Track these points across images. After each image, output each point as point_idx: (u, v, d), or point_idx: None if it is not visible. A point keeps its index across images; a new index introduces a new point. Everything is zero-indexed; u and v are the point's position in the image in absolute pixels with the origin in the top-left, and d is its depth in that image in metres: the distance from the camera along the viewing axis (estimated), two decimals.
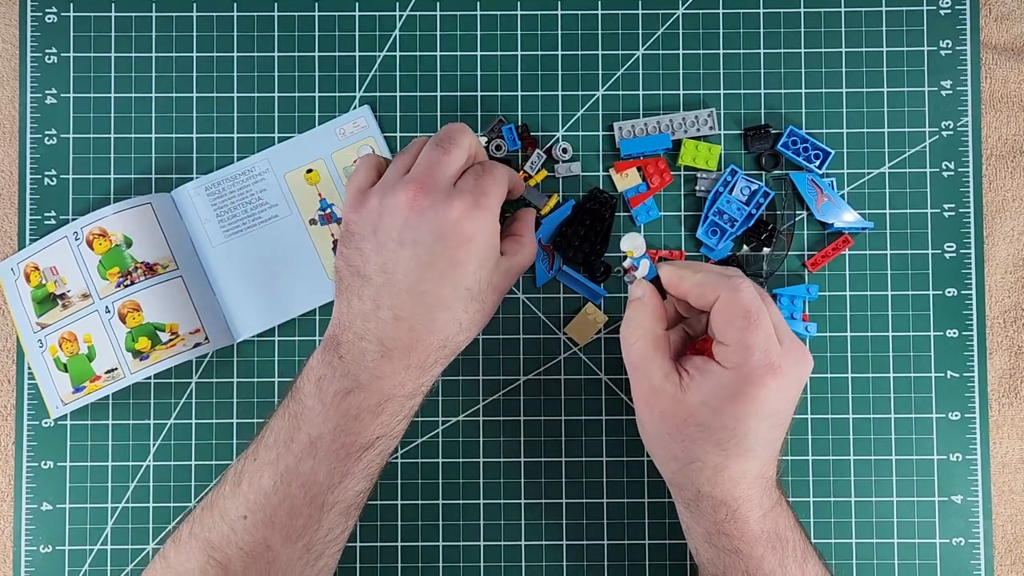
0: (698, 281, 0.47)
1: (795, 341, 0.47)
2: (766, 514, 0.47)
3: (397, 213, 0.47)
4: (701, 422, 0.46)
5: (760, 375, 0.45)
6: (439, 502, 0.58)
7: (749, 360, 0.45)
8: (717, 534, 0.47)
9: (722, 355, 0.46)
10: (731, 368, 0.45)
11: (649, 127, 0.58)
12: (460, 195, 0.48)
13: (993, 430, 0.59)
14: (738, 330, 0.45)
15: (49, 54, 0.59)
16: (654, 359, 0.47)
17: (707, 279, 0.47)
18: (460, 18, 0.60)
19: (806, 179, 0.58)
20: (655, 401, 0.47)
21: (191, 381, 0.59)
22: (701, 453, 0.46)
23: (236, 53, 0.60)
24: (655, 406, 0.47)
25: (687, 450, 0.46)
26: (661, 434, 0.47)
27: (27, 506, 0.58)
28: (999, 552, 0.59)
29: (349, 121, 0.59)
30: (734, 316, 0.45)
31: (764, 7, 0.60)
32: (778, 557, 0.47)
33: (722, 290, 0.46)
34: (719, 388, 0.45)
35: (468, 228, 0.47)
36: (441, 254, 0.47)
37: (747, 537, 0.47)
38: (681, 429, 0.46)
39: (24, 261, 0.58)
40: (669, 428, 0.47)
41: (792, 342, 0.47)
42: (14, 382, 0.59)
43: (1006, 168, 0.60)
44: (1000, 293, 0.60)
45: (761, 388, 0.45)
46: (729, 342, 0.45)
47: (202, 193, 0.59)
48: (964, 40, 0.60)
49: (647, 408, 0.48)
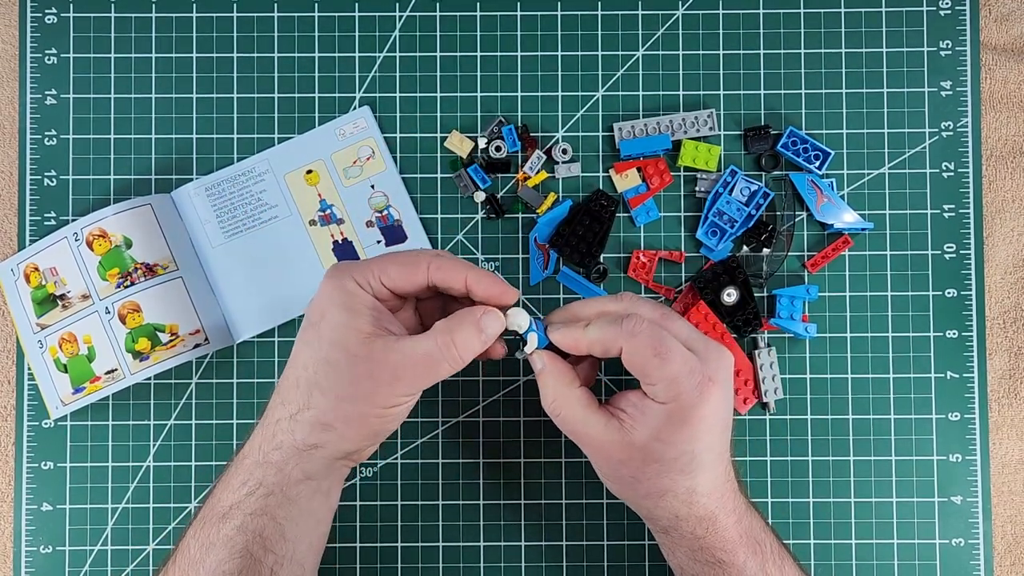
0: (594, 339, 0.46)
1: (708, 342, 0.47)
2: (741, 518, 0.48)
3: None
4: (657, 457, 0.45)
5: (698, 395, 0.45)
6: (439, 502, 0.58)
7: (681, 389, 0.45)
8: (699, 549, 0.47)
9: (654, 392, 0.45)
10: (668, 402, 0.45)
11: (649, 128, 0.58)
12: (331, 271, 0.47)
13: (993, 431, 0.59)
14: (656, 369, 0.45)
15: (49, 55, 0.59)
16: (586, 418, 0.47)
17: (601, 334, 0.46)
18: (460, 18, 0.60)
19: (806, 180, 0.58)
20: (607, 452, 0.47)
21: (191, 382, 0.59)
22: (669, 484, 0.46)
23: (236, 54, 0.60)
24: (609, 457, 0.47)
25: (655, 485, 0.46)
26: (625, 479, 0.47)
27: (27, 507, 0.58)
28: (999, 552, 0.59)
29: (349, 122, 0.59)
30: (645, 359, 0.45)
31: (764, 7, 0.60)
32: (758, 561, 0.47)
33: (621, 340, 0.45)
34: (664, 423, 0.45)
35: (316, 299, 0.47)
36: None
37: (728, 545, 0.47)
38: (641, 468, 0.46)
39: (24, 262, 0.58)
40: (631, 471, 0.46)
41: (706, 345, 0.47)
42: (14, 383, 0.59)
43: (1006, 168, 0.60)
44: (1000, 294, 0.60)
45: (705, 405, 0.45)
46: (654, 381, 0.45)
47: (202, 194, 0.59)
48: (964, 41, 0.59)
49: (603, 461, 0.48)
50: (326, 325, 0.45)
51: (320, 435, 0.45)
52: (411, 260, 0.46)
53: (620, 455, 0.46)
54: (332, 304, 0.45)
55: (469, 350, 0.45)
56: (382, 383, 0.44)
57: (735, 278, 0.57)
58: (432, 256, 0.47)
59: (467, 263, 0.47)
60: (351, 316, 0.45)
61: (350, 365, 0.44)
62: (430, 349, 0.45)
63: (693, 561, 0.48)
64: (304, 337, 0.46)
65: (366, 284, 0.46)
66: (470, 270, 0.46)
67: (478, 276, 0.46)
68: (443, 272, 0.46)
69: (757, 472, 0.58)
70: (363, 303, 0.45)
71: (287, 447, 0.46)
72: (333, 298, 0.45)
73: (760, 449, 0.58)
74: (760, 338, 0.59)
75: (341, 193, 0.59)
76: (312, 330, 0.46)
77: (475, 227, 0.59)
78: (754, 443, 0.59)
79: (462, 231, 0.59)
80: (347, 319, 0.45)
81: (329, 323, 0.45)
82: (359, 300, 0.45)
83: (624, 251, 0.59)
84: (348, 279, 0.46)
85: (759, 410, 0.59)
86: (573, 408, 0.47)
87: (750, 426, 0.59)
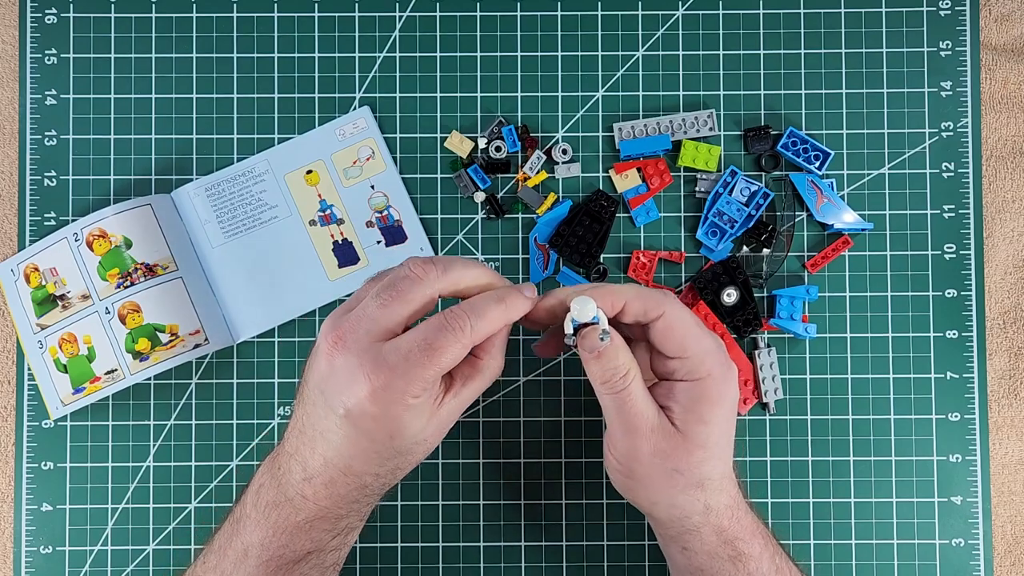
0: (635, 296, 0.45)
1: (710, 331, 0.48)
2: (749, 509, 0.48)
3: (319, 358, 0.44)
4: (702, 443, 0.45)
5: (728, 370, 0.45)
6: (439, 503, 0.59)
7: (715, 363, 0.45)
8: (723, 544, 0.47)
9: (687, 368, 0.45)
10: (703, 377, 0.45)
11: (649, 128, 0.58)
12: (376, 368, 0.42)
13: (993, 431, 0.59)
14: (696, 340, 0.45)
15: (49, 55, 0.59)
16: (647, 399, 0.45)
17: (644, 293, 0.45)
18: (460, 18, 0.60)
19: (806, 180, 0.58)
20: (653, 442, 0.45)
21: (191, 382, 0.59)
22: (709, 471, 0.45)
23: (236, 54, 0.59)
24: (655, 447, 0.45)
25: (697, 473, 0.45)
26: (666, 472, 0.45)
27: (27, 507, 0.58)
28: (999, 553, 0.59)
29: (349, 122, 0.59)
30: (688, 328, 0.45)
31: (764, 8, 0.60)
32: (769, 552, 0.47)
33: (666, 305, 0.45)
34: (701, 402, 0.45)
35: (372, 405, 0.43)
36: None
37: (747, 535, 0.47)
38: (686, 458, 0.45)
39: (24, 262, 0.58)
40: (674, 462, 0.45)
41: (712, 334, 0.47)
42: (14, 383, 0.59)
43: (1006, 169, 0.60)
44: (1000, 294, 0.60)
45: (731, 384, 0.46)
46: (690, 353, 0.45)
47: (202, 194, 0.59)
48: (964, 41, 0.59)
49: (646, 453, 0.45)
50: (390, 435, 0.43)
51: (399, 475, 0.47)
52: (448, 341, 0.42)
53: (666, 445, 0.45)
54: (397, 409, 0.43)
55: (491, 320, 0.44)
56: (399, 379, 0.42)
57: (735, 278, 0.57)
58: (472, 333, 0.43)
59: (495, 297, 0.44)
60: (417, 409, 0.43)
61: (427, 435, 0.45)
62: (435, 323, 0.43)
63: (714, 558, 0.47)
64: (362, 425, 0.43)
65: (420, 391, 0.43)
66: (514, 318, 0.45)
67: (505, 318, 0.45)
68: (482, 334, 0.44)
69: (757, 472, 0.58)
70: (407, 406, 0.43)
71: (370, 497, 0.47)
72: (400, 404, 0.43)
73: (760, 449, 0.58)
74: (760, 338, 0.59)
75: (341, 193, 0.59)
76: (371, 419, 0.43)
77: (475, 227, 0.59)
78: (754, 443, 0.59)
79: (462, 231, 0.59)
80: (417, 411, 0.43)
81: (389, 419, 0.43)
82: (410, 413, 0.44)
83: (624, 251, 0.59)
84: (403, 402, 0.42)
85: (759, 410, 0.59)
86: (637, 385, 0.45)
87: (750, 426, 0.59)
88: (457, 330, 0.42)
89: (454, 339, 0.42)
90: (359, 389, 0.42)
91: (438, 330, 0.42)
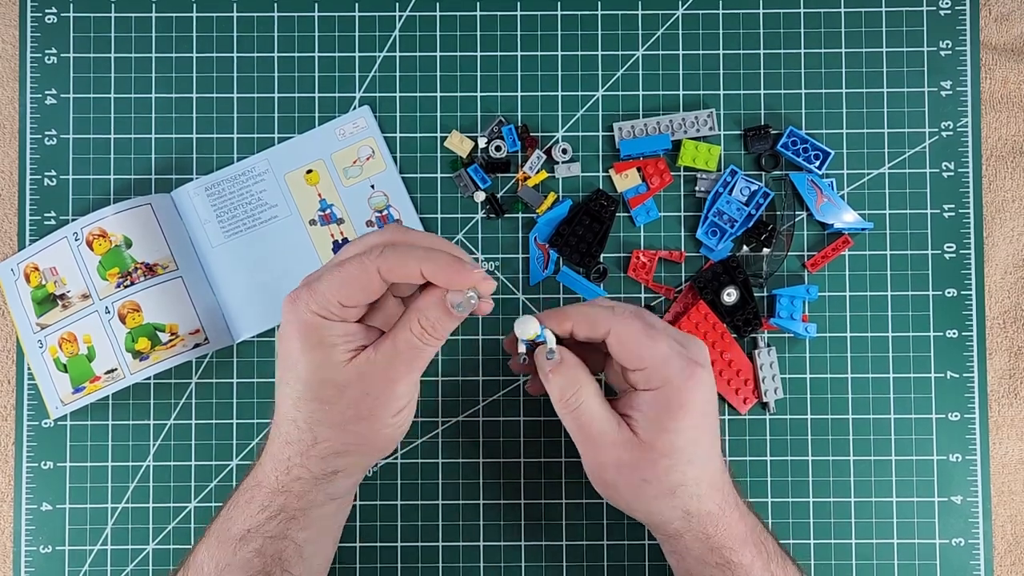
0: (582, 315, 0.46)
1: (685, 334, 0.48)
2: (744, 515, 0.48)
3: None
4: (667, 451, 0.45)
5: (689, 375, 0.45)
6: (439, 502, 0.58)
7: (671, 369, 0.45)
8: (710, 551, 0.47)
9: (645, 379, 0.45)
10: (661, 385, 0.45)
11: (649, 127, 0.58)
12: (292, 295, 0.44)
13: (993, 430, 0.59)
14: (647, 348, 0.45)
15: (49, 54, 0.59)
16: (603, 413, 0.46)
17: (590, 311, 0.46)
18: (460, 18, 0.60)
19: (806, 179, 0.58)
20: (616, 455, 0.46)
21: (191, 382, 0.59)
22: (680, 477, 0.45)
23: (236, 53, 0.60)
24: (618, 460, 0.46)
25: (667, 481, 0.45)
26: (635, 483, 0.46)
27: (27, 506, 0.58)
28: (999, 552, 0.59)
29: (349, 121, 0.59)
30: (636, 339, 0.45)
31: (764, 7, 0.60)
32: (763, 560, 0.47)
33: (612, 322, 0.45)
34: (663, 411, 0.45)
35: (283, 338, 0.44)
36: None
37: (736, 543, 0.47)
38: (652, 468, 0.45)
39: (24, 261, 0.58)
40: (641, 473, 0.45)
41: (684, 335, 0.48)
42: (14, 382, 0.59)
43: (1006, 168, 0.60)
44: (1000, 293, 0.60)
45: (696, 388, 0.45)
46: (645, 363, 0.45)
47: (202, 193, 0.59)
48: (964, 40, 0.59)
49: (611, 466, 0.46)
50: (304, 368, 0.43)
51: (338, 462, 0.45)
52: (357, 273, 0.42)
53: (629, 456, 0.45)
54: (302, 344, 0.43)
55: (445, 330, 0.44)
56: (380, 395, 0.44)
57: (735, 278, 0.57)
58: (378, 257, 0.42)
59: (420, 249, 0.43)
60: (325, 352, 0.43)
61: (342, 394, 0.44)
62: (409, 339, 0.43)
63: (703, 565, 0.47)
64: (285, 379, 0.44)
65: (327, 312, 0.43)
66: (424, 261, 0.42)
67: (434, 266, 0.42)
68: (395, 271, 0.42)
69: (757, 472, 0.58)
70: (332, 333, 0.43)
71: (307, 478, 0.45)
72: (301, 338, 0.43)
73: (760, 449, 0.58)
74: (760, 338, 0.59)
75: (341, 193, 0.59)
76: (291, 372, 0.44)
77: (475, 227, 0.59)
78: (754, 443, 0.59)
79: (462, 231, 0.59)
80: (322, 357, 0.43)
81: (306, 365, 0.43)
82: (326, 332, 0.43)
83: (624, 251, 0.59)
84: (307, 312, 0.43)
85: (759, 410, 0.59)
86: (591, 401, 0.46)
87: (750, 426, 0.59)
88: (364, 256, 0.42)
89: (358, 263, 0.42)
90: (287, 329, 0.44)
91: (346, 250, 0.44)
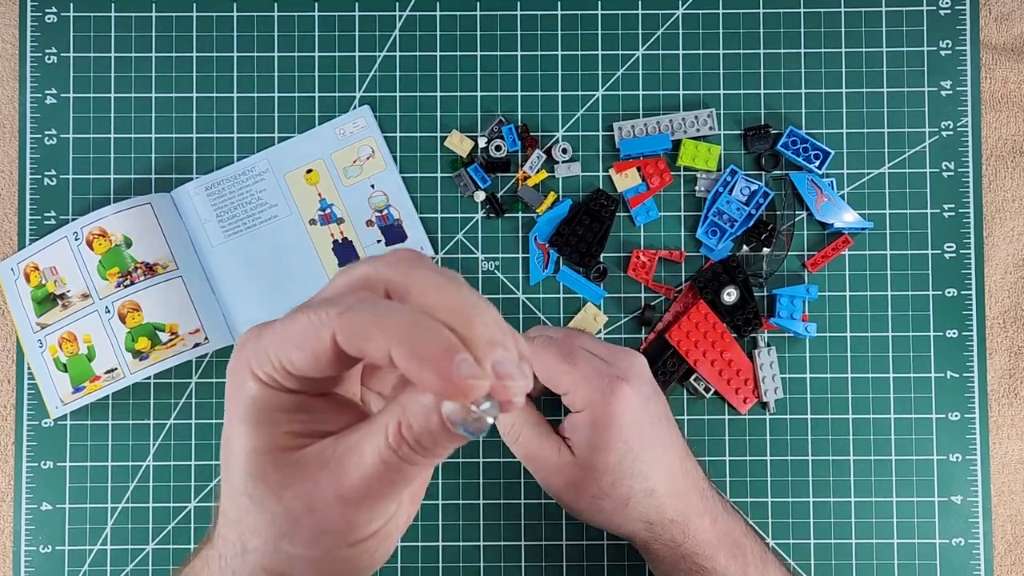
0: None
1: (615, 348, 0.50)
2: (716, 520, 0.48)
3: None
4: (604, 468, 0.47)
5: (610, 393, 0.46)
6: (439, 502, 0.58)
7: (592, 389, 0.47)
8: (681, 558, 0.47)
9: (572, 402, 0.48)
10: (586, 407, 0.47)
11: (649, 127, 0.58)
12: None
13: (993, 430, 0.59)
14: (565, 374, 0.47)
15: (49, 54, 0.59)
16: (541, 441, 0.49)
17: None
18: (460, 18, 0.60)
19: (806, 179, 0.58)
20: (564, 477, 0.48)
21: (191, 381, 0.59)
22: (627, 490, 0.47)
23: (236, 53, 0.60)
24: (568, 481, 0.48)
25: (616, 495, 0.47)
26: (588, 500, 0.48)
27: (27, 506, 0.58)
28: (999, 552, 0.59)
29: (349, 121, 0.59)
30: (553, 363, 0.47)
31: (764, 7, 0.60)
32: (739, 565, 0.47)
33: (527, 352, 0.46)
34: (592, 431, 0.47)
35: (227, 377, 0.32)
36: None
37: (708, 550, 0.47)
38: (598, 484, 0.47)
39: (24, 261, 0.58)
40: (591, 491, 0.47)
41: (613, 350, 0.49)
42: (14, 382, 0.59)
43: (1006, 168, 0.60)
44: (1000, 293, 0.59)
45: (619, 402, 0.46)
46: (566, 388, 0.47)
47: (202, 193, 0.59)
48: (964, 40, 0.59)
49: (564, 488, 0.48)
50: (237, 443, 0.31)
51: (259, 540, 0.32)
52: (305, 331, 0.28)
53: (575, 477, 0.47)
54: (234, 418, 0.31)
55: (440, 448, 0.28)
56: (330, 515, 0.30)
57: (735, 277, 0.57)
58: (338, 316, 0.27)
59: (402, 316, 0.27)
60: (259, 433, 0.30)
61: (275, 499, 0.30)
62: (383, 452, 0.28)
63: (677, 571, 0.48)
64: (223, 444, 0.32)
65: (270, 378, 0.30)
66: (398, 340, 0.26)
67: (410, 352, 0.26)
68: (355, 344, 0.27)
69: (757, 472, 0.58)
70: (273, 406, 0.30)
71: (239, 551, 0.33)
72: (235, 408, 0.31)
73: (760, 449, 0.58)
74: (760, 338, 0.59)
75: (341, 192, 0.59)
76: (226, 443, 0.32)
77: (475, 227, 0.59)
78: (754, 443, 0.58)
79: (462, 231, 0.59)
80: (255, 440, 0.30)
81: (237, 446, 0.31)
82: (264, 405, 0.30)
83: (624, 251, 0.59)
84: (246, 375, 0.30)
85: (759, 410, 0.59)
86: (527, 431, 0.49)
87: (750, 426, 0.59)
88: (324, 308, 0.28)
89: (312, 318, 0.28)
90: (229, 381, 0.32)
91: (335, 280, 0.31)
